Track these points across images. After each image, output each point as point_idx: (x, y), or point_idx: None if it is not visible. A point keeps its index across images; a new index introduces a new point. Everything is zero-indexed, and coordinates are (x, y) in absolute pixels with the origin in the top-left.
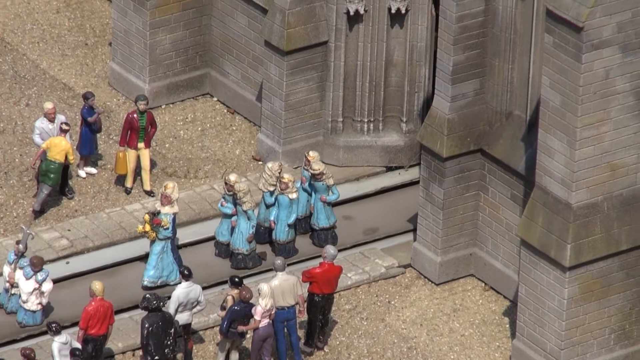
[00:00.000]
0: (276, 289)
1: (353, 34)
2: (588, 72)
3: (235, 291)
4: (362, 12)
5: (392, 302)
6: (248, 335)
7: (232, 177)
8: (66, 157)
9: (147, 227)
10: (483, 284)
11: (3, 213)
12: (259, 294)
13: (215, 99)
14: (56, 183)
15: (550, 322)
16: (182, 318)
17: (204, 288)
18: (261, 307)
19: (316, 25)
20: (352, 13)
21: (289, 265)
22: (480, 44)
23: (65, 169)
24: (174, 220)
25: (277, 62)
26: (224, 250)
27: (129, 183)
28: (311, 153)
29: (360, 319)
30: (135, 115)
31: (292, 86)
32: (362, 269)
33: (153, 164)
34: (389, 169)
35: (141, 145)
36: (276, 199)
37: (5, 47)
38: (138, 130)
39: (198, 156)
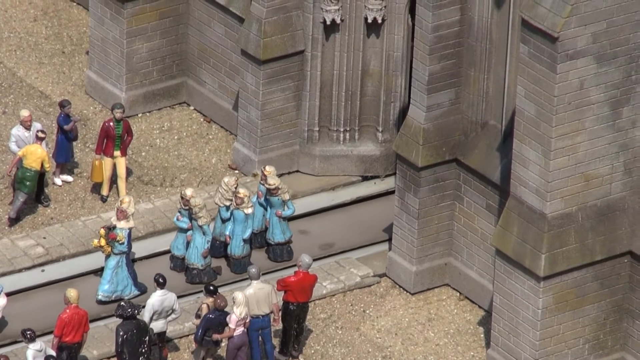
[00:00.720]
0: (251, 298)
1: (329, 44)
2: (563, 82)
3: (210, 299)
4: (338, 21)
5: (367, 311)
6: (223, 344)
7: (188, 192)
8: (42, 165)
9: (103, 242)
10: (458, 294)
11: None
12: (234, 302)
13: (191, 107)
14: (32, 191)
15: (525, 332)
16: (156, 326)
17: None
18: (236, 316)
19: (293, 34)
20: (328, 22)
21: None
22: (456, 54)
23: (41, 177)
24: (129, 235)
25: (254, 72)
26: (179, 264)
27: (104, 191)
28: (267, 167)
29: (335, 327)
30: (111, 124)
31: (268, 95)
32: (337, 278)
33: (129, 172)
34: (365, 178)
35: (117, 153)
36: (232, 213)
37: None
38: (114, 138)
39: (174, 165)
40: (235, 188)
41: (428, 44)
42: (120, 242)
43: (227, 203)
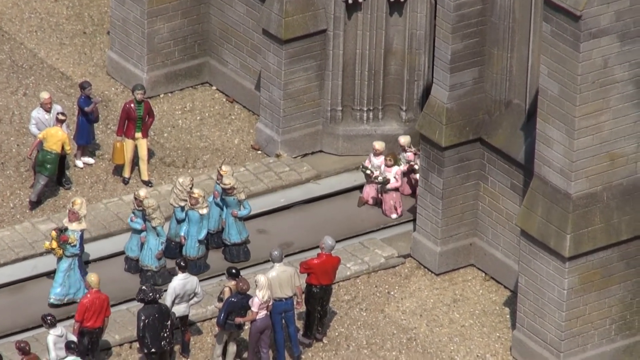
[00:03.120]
0: (273, 281)
1: (352, 23)
2: (586, 61)
3: (233, 283)
4: (360, 0)
5: (392, 293)
6: (246, 327)
7: (142, 193)
8: (63, 148)
9: (54, 244)
10: (483, 274)
11: (0, 204)
12: (256, 285)
13: (214, 87)
14: (53, 173)
15: (551, 312)
16: (179, 310)
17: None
18: (258, 299)
19: (314, 13)
20: (350, 1)
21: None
22: (479, 33)
23: (62, 159)
24: (81, 237)
25: (276, 51)
26: (134, 266)
27: (126, 173)
28: (224, 167)
29: (359, 309)
30: (132, 105)
31: (290, 75)
32: (362, 259)
33: (151, 154)
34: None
35: (138, 135)
36: (187, 214)
37: (3, 35)
38: (135, 120)
39: (196, 145)
40: (190, 188)
41: (450, 23)
42: (72, 244)
43: (182, 204)
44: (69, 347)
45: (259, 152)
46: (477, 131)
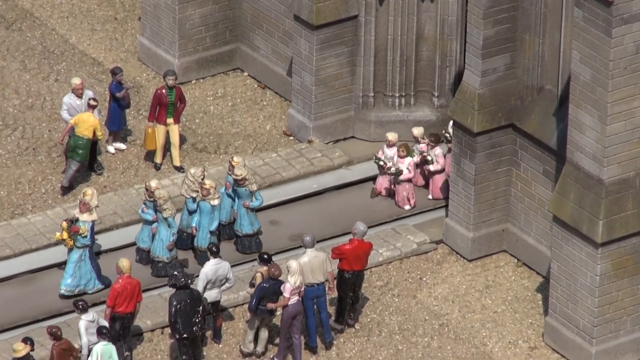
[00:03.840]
0: (305, 266)
1: (383, 8)
2: (618, 47)
3: (264, 268)
4: None
5: (424, 279)
6: (277, 313)
7: (153, 184)
8: (94, 133)
9: (65, 235)
10: (516, 260)
11: (32, 189)
12: (288, 271)
13: (245, 73)
14: (84, 159)
15: (583, 298)
16: (210, 295)
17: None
18: (290, 285)
19: None
20: None
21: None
22: (511, 18)
23: (94, 145)
24: (92, 228)
25: (307, 37)
26: (145, 257)
27: (158, 159)
28: (235, 158)
29: (391, 295)
30: (163, 91)
31: (322, 61)
32: (394, 245)
33: (183, 140)
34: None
35: (170, 120)
36: (198, 205)
37: (34, 21)
38: (167, 105)
39: (228, 131)
40: (202, 179)
41: (482, 8)
42: (82, 235)
43: (194, 194)
44: (101, 332)
45: (291, 138)
46: (509, 117)
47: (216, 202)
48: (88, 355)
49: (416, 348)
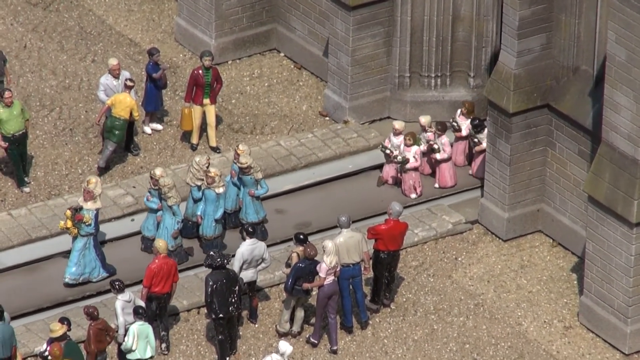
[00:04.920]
0: (341, 246)
1: None
2: None
3: (300, 248)
4: None
5: (459, 259)
6: (313, 293)
7: (158, 172)
8: (131, 114)
9: (69, 223)
10: (551, 240)
11: (68, 170)
12: (324, 251)
13: (282, 54)
14: (121, 140)
15: (618, 278)
16: (246, 275)
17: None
18: (326, 265)
19: None
20: None
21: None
22: None
23: (130, 126)
24: (96, 216)
25: (343, 18)
26: (150, 246)
27: (194, 139)
28: (240, 146)
29: (427, 275)
30: (200, 72)
31: (358, 41)
32: (429, 225)
33: (219, 120)
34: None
35: (207, 101)
36: (203, 193)
37: (72, 2)
38: (203, 86)
39: (264, 112)
40: (207, 167)
41: None
42: (87, 223)
43: (199, 183)
44: (137, 312)
45: (327, 118)
46: (545, 97)
47: (221, 190)
48: (124, 335)
49: (451, 328)
